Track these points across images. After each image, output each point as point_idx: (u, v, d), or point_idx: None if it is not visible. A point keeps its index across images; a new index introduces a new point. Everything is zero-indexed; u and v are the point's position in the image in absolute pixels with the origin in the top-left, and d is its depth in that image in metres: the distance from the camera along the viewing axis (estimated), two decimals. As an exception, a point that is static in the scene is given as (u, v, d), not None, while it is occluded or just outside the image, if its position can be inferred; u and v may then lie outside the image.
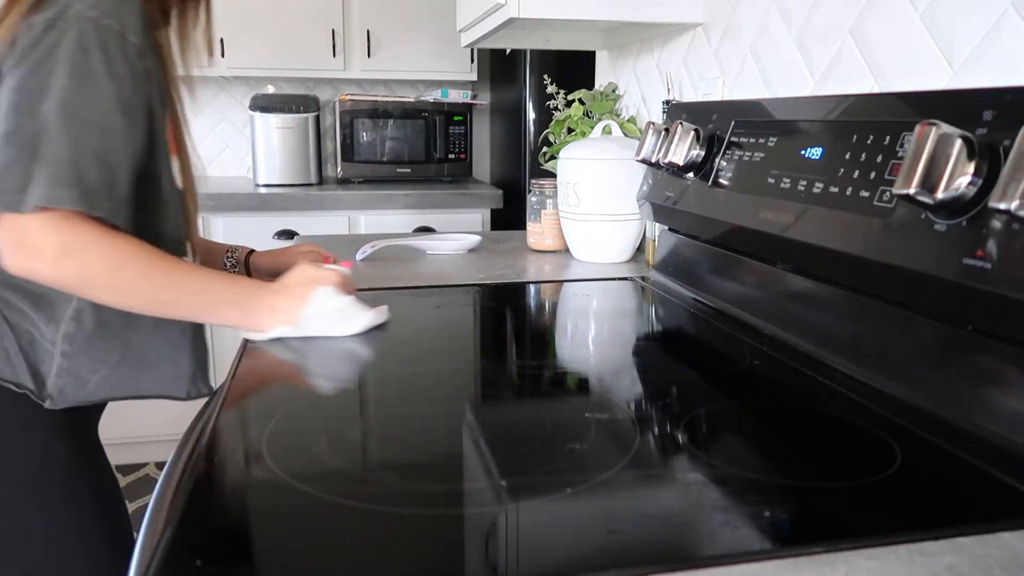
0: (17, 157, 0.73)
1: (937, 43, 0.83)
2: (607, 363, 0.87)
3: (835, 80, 1.00)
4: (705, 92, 1.33)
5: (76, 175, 0.74)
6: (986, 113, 0.65)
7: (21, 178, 0.72)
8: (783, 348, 0.88)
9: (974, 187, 0.63)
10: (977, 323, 0.66)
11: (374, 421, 0.70)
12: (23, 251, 0.74)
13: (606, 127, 1.46)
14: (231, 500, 0.54)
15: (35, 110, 0.74)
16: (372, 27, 2.83)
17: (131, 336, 0.88)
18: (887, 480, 0.56)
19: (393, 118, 2.85)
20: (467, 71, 2.97)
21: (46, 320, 0.83)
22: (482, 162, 3.34)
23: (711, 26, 1.32)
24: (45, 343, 0.84)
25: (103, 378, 0.87)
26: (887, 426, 0.66)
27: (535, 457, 0.60)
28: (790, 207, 0.87)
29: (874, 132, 0.78)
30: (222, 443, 0.63)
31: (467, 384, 0.81)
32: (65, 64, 0.74)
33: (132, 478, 2.55)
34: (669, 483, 0.56)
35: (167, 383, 0.91)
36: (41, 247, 0.74)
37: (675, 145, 1.10)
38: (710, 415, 0.69)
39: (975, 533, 0.49)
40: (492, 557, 0.46)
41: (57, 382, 0.84)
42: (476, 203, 2.72)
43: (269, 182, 2.77)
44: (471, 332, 1.00)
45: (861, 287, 0.79)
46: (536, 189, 1.51)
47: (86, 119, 0.75)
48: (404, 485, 0.56)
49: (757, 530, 0.49)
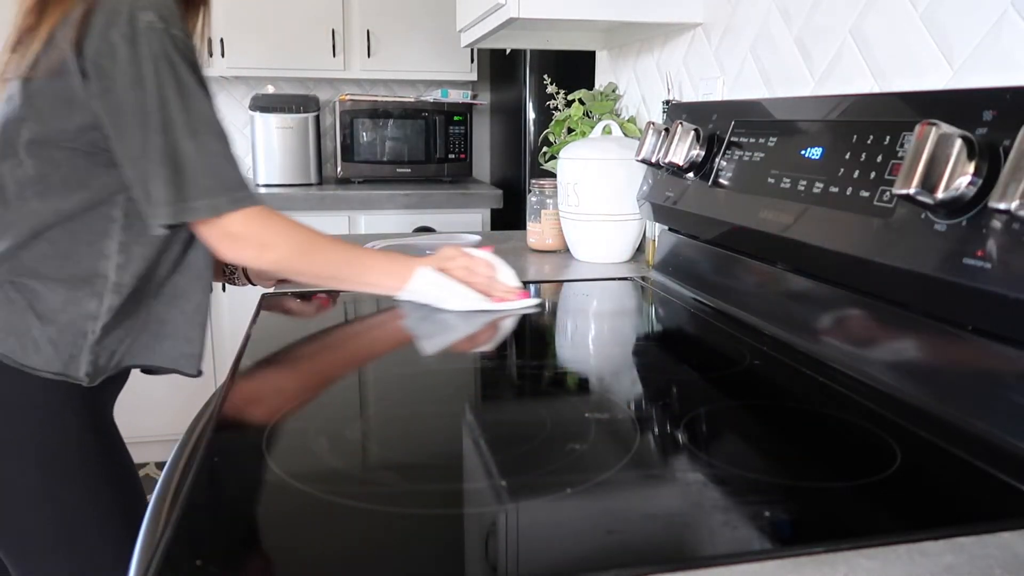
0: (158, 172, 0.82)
1: (937, 43, 0.83)
2: (607, 363, 0.87)
3: (835, 80, 1.00)
4: (705, 92, 1.33)
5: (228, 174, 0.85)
6: (986, 113, 0.65)
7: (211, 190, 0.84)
8: (783, 348, 0.88)
9: (974, 187, 0.63)
10: (977, 323, 0.66)
11: (374, 421, 0.70)
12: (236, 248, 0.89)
13: (606, 127, 1.46)
14: (231, 500, 0.54)
15: (167, 126, 0.82)
16: (372, 27, 2.83)
17: (154, 306, 0.93)
18: (887, 480, 0.56)
19: (393, 118, 2.85)
20: (467, 71, 2.97)
21: (90, 295, 0.87)
22: (482, 162, 3.34)
23: (711, 26, 1.32)
24: (85, 323, 0.87)
25: (127, 347, 0.91)
26: (887, 426, 0.66)
27: (535, 457, 0.60)
28: (790, 207, 0.87)
29: (874, 132, 0.78)
30: (222, 443, 0.63)
31: (467, 384, 0.81)
32: (166, 78, 0.81)
33: (132, 478, 2.54)
34: (669, 483, 0.56)
35: (180, 358, 0.95)
36: (246, 239, 0.88)
37: (675, 145, 1.10)
38: (710, 415, 0.69)
39: (975, 533, 0.49)
40: (492, 557, 0.46)
41: (90, 358, 0.87)
42: (476, 203, 2.72)
43: (269, 182, 2.77)
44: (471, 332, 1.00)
45: (861, 287, 0.79)
46: (536, 189, 1.51)
47: (206, 125, 0.85)
48: (404, 485, 0.56)
49: (757, 530, 0.49)
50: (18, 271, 0.85)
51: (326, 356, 0.89)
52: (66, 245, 0.86)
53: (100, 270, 0.87)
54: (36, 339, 0.85)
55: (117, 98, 0.81)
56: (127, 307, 0.90)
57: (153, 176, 0.82)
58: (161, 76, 0.81)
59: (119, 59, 0.80)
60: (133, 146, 0.82)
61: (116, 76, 0.80)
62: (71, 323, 0.86)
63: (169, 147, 0.82)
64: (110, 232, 0.87)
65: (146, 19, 0.80)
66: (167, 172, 0.82)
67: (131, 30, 0.80)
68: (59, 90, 0.82)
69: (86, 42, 0.80)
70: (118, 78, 0.80)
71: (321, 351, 0.91)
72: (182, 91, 0.83)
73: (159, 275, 0.92)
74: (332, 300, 1.12)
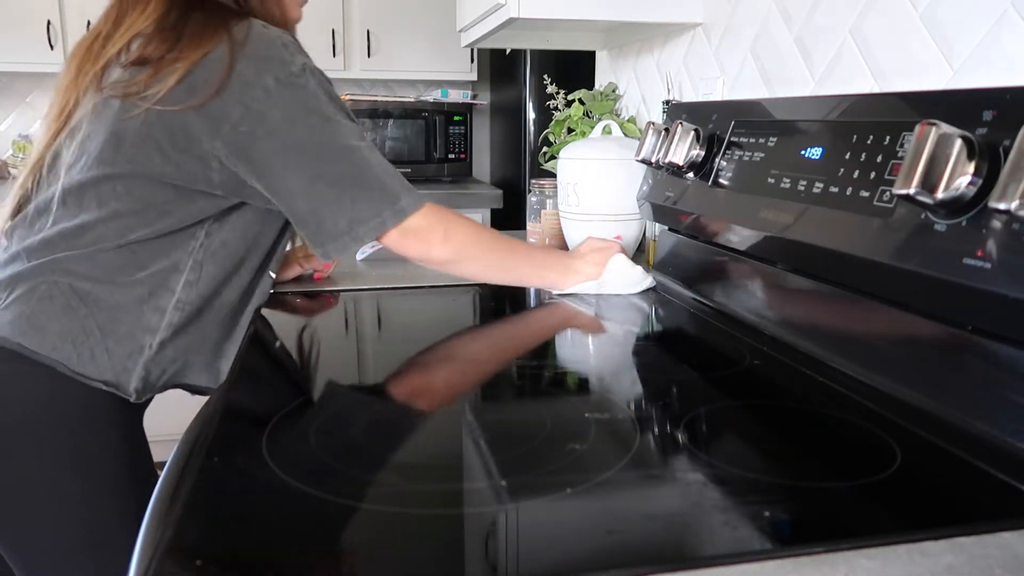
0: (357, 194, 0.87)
1: (937, 43, 0.83)
2: (607, 363, 0.86)
3: (835, 80, 1.00)
4: (705, 92, 1.33)
5: (401, 184, 0.90)
6: (986, 113, 0.65)
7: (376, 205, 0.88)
8: (783, 348, 0.88)
9: (974, 187, 0.63)
10: (977, 323, 0.66)
11: (374, 421, 0.70)
12: (420, 242, 0.93)
13: (606, 127, 1.46)
14: (231, 500, 0.54)
15: (337, 154, 0.87)
16: (372, 27, 2.83)
17: (208, 327, 0.93)
18: (887, 480, 0.56)
19: (393, 118, 2.85)
20: (467, 71, 2.97)
21: (153, 309, 0.87)
22: (482, 162, 3.34)
23: (711, 26, 1.32)
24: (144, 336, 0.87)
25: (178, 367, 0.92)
26: (887, 426, 0.66)
27: (535, 457, 0.60)
28: (790, 207, 0.87)
29: (874, 132, 0.78)
30: (222, 443, 0.63)
31: (467, 384, 0.81)
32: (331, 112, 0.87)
33: (132, 478, 2.54)
34: (669, 483, 0.56)
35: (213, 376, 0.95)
36: (430, 235, 0.93)
37: (675, 145, 1.10)
38: (710, 415, 0.69)
39: (975, 533, 0.49)
40: (492, 557, 0.46)
41: (143, 374, 0.88)
42: (476, 203, 2.72)
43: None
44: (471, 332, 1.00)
45: (861, 287, 0.79)
46: (536, 189, 1.51)
47: (370, 147, 0.90)
48: (404, 485, 0.56)
49: (757, 530, 0.49)
50: (89, 277, 0.85)
51: (327, 355, 0.89)
52: (147, 257, 0.87)
53: (169, 284, 0.88)
54: (93, 348, 0.85)
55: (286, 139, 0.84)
56: (187, 326, 0.90)
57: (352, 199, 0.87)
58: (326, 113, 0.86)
59: (279, 102, 0.84)
60: (312, 180, 0.85)
61: (282, 118, 0.84)
62: (130, 335, 0.86)
63: (356, 169, 0.87)
64: (190, 249, 0.88)
65: (300, 62, 0.86)
66: (356, 191, 0.87)
67: (287, 74, 0.84)
68: (189, 127, 0.83)
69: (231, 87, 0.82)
70: (284, 120, 0.84)
71: (322, 351, 0.91)
72: (346, 120, 0.88)
73: (223, 298, 0.93)
74: (334, 299, 1.12)
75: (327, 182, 0.86)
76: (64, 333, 0.84)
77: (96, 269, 0.85)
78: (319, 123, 0.86)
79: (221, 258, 0.91)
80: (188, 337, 0.91)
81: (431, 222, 0.92)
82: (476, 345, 0.95)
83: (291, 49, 0.87)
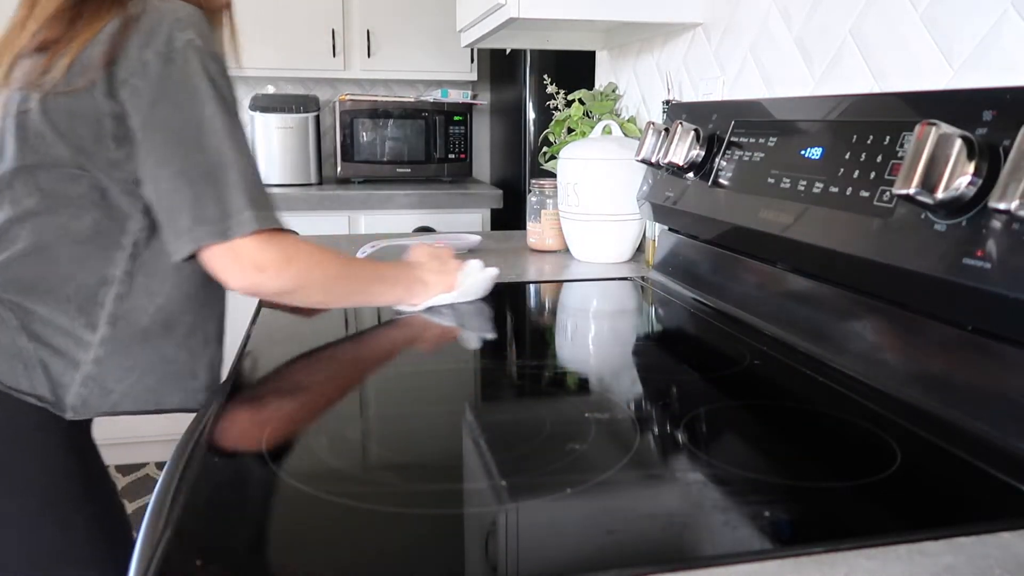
0: (205, 191, 0.78)
1: (937, 43, 0.83)
2: (607, 363, 0.87)
3: (835, 80, 1.00)
4: (705, 92, 1.33)
5: (261, 196, 0.81)
6: (986, 113, 0.65)
7: (218, 209, 0.78)
8: (783, 348, 0.88)
9: (974, 187, 0.63)
10: (977, 323, 0.66)
11: (374, 421, 0.70)
12: (250, 271, 0.81)
13: (606, 127, 1.46)
14: (231, 500, 0.54)
15: (201, 144, 0.78)
16: (372, 27, 2.83)
17: (163, 345, 0.87)
18: (887, 480, 0.56)
19: (393, 118, 2.85)
20: (467, 71, 2.97)
21: (84, 326, 0.83)
22: (482, 162, 3.34)
23: (711, 26, 1.32)
24: (77, 351, 0.83)
25: (128, 388, 0.86)
26: (887, 426, 0.66)
27: (535, 457, 0.60)
28: (790, 207, 0.87)
29: (874, 132, 0.78)
30: (222, 443, 0.63)
31: (467, 384, 0.81)
32: (207, 96, 0.79)
33: (132, 478, 2.55)
34: (669, 483, 0.56)
35: (186, 396, 0.90)
36: (265, 263, 0.81)
37: (675, 145, 1.10)
38: (710, 415, 0.69)
39: (975, 533, 0.49)
40: (492, 557, 0.46)
41: (81, 392, 0.83)
42: (476, 203, 2.72)
43: (269, 182, 2.77)
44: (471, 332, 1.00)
45: (861, 287, 0.79)
46: (536, 189, 1.51)
47: (243, 144, 0.81)
48: (404, 485, 0.56)
49: (757, 530, 0.49)
50: (14, 287, 0.82)
51: (327, 355, 0.89)
52: (69, 265, 0.82)
53: (99, 297, 0.83)
54: (26, 361, 0.81)
55: (150, 118, 0.78)
56: (127, 343, 0.85)
57: (196, 196, 0.78)
58: (200, 95, 0.79)
59: (152, 78, 0.77)
60: (168, 167, 0.78)
61: (151, 95, 0.78)
62: (65, 349, 0.82)
63: (210, 165, 0.78)
64: (116, 259, 0.83)
65: (185, 38, 0.79)
66: (212, 190, 0.78)
67: (168, 49, 0.78)
68: (83, 108, 0.79)
69: (119, 61, 0.78)
70: (153, 97, 0.78)
71: (322, 350, 0.91)
72: (225, 108, 0.80)
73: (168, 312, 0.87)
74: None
75: (177, 170, 0.78)
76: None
77: (28, 275, 0.82)
78: (188, 104, 0.78)
79: (157, 270, 0.85)
80: (133, 357, 0.86)
81: (277, 248, 0.82)
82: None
83: (183, 25, 0.79)
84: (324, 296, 0.92)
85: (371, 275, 0.99)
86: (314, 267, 0.87)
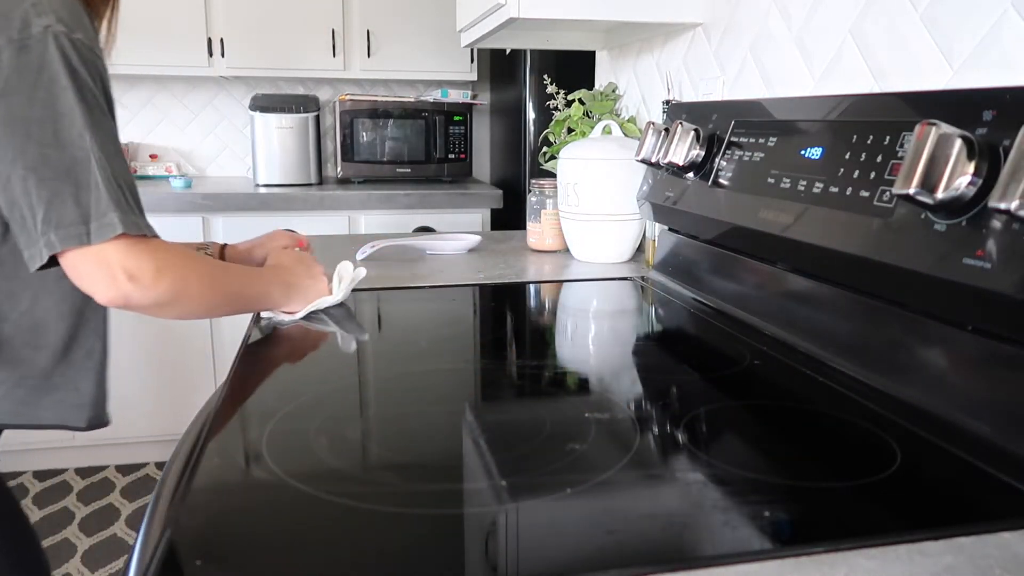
0: (61, 190, 0.71)
1: (937, 43, 0.83)
2: (607, 363, 0.86)
3: (835, 80, 1.00)
4: (705, 92, 1.33)
5: (128, 198, 0.74)
6: (986, 113, 0.65)
7: (77, 211, 0.71)
8: (783, 348, 0.88)
9: (974, 187, 0.63)
10: (977, 323, 0.66)
11: (374, 421, 0.70)
12: (120, 280, 0.73)
13: (606, 127, 1.46)
14: (231, 500, 0.54)
15: (60, 139, 0.72)
16: (372, 27, 2.83)
17: (34, 356, 0.82)
18: (887, 480, 0.56)
19: (393, 118, 2.85)
20: (467, 71, 2.97)
21: None
22: (482, 162, 3.34)
23: (711, 26, 1.32)
24: None
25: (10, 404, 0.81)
26: (887, 426, 0.66)
27: (535, 457, 0.60)
28: (790, 207, 0.87)
29: (874, 132, 0.78)
30: (222, 443, 0.63)
31: (467, 384, 0.81)
32: (66, 87, 0.72)
33: (132, 478, 2.55)
34: (669, 483, 0.56)
35: (67, 411, 0.85)
36: (136, 272, 0.73)
37: (675, 145, 1.10)
38: (710, 415, 0.69)
39: (975, 533, 0.49)
40: (492, 557, 0.46)
41: None
42: (476, 203, 2.72)
43: (269, 182, 2.77)
44: (471, 332, 1.00)
45: (861, 287, 0.79)
46: (536, 189, 1.51)
47: (107, 140, 0.74)
48: (404, 485, 0.56)
49: (757, 530, 0.49)
50: None
51: (327, 355, 0.89)
52: None
53: None
54: None
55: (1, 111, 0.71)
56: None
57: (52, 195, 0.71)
58: (57, 86, 0.71)
59: (4, 67, 0.71)
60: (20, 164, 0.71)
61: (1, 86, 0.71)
62: None
63: (68, 161, 0.71)
64: None
65: (43, 23, 0.71)
66: (70, 189, 0.71)
67: (23, 36, 0.71)
68: None
69: None
70: (3, 88, 0.71)
71: (321, 350, 0.91)
72: (86, 100, 0.73)
73: (36, 319, 0.81)
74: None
75: (29, 167, 0.71)
76: None
77: None
78: (43, 96, 0.71)
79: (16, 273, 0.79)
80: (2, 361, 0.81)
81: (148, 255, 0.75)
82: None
83: (41, 9, 0.72)
84: (201, 307, 0.83)
85: (245, 281, 0.91)
86: (190, 275, 0.79)
